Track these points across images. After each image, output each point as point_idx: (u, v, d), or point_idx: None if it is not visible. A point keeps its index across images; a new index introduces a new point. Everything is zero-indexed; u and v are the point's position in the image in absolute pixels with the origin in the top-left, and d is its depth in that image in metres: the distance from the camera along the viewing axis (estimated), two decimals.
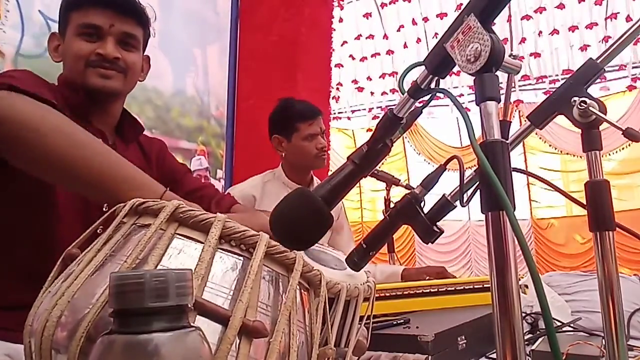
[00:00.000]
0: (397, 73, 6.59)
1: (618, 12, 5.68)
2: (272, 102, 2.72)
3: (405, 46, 6.45)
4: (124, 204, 0.60)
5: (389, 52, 6.62)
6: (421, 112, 0.71)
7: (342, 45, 6.42)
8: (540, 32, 5.99)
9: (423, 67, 0.64)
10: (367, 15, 6.28)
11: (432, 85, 0.64)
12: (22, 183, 0.90)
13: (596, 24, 5.81)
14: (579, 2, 5.68)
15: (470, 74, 0.56)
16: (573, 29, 5.83)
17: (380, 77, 6.84)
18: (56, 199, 0.99)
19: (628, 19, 5.50)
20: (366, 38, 6.60)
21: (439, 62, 0.61)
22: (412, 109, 0.67)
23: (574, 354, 1.01)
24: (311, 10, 2.79)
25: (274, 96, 2.69)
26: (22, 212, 0.99)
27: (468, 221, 7.96)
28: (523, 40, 6.03)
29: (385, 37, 6.50)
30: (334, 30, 3.01)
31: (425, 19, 5.98)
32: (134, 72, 1.13)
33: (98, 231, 0.65)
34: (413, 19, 6.21)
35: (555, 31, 5.91)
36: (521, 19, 5.93)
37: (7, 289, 0.96)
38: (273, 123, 1.92)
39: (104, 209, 1.03)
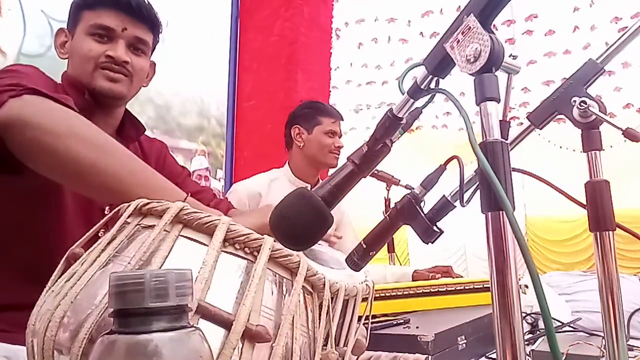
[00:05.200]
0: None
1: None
2: (272, 102, 2.72)
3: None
4: (128, 204, 0.60)
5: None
6: (421, 113, 0.72)
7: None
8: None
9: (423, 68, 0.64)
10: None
11: (432, 86, 0.64)
12: (28, 182, 0.90)
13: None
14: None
15: (470, 74, 0.56)
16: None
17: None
18: (61, 199, 0.99)
19: None
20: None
21: (439, 62, 0.61)
22: (412, 109, 0.68)
23: (574, 354, 1.01)
24: (311, 10, 2.79)
25: (274, 96, 2.70)
26: (24, 211, 0.98)
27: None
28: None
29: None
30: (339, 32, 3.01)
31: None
32: (140, 77, 1.13)
33: (99, 234, 0.65)
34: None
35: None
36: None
37: (3, 288, 0.95)
38: (296, 115, 1.98)
39: (105, 212, 1.05)
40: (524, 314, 1.25)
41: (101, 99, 1.07)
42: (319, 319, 0.58)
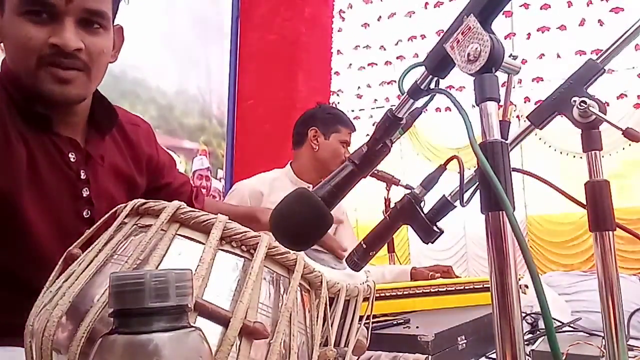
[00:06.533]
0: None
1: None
2: (272, 102, 2.73)
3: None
4: (125, 205, 0.60)
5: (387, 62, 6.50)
6: (421, 113, 0.72)
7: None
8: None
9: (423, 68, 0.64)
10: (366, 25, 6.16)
11: (432, 86, 0.64)
12: None
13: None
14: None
15: (470, 74, 0.56)
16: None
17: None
18: (20, 206, 0.85)
19: None
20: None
21: (439, 63, 0.61)
22: (412, 109, 0.68)
23: (574, 354, 1.01)
24: (311, 10, 2.79)
25: (274, 96, 2.70)
26: None
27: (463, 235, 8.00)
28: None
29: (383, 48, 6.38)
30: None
31: (423, 37, 5.88)
32: (100, 62, 0.88)
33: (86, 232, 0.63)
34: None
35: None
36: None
37: None
38: (315, 117, 1.98)
39: (84, 216, 0.93)
40: (523, 314, 1.25)
41: (54, 103, 0.86)
42: (317, 317, 0.58)
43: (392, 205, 0.82)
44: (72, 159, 0.92)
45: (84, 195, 0.93)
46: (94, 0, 0.83)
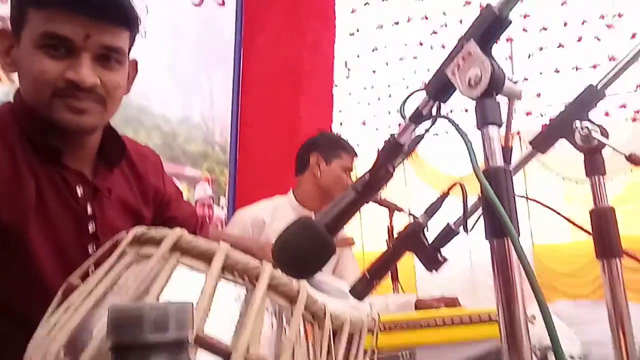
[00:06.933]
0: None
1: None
2: (274, 128, 2.73)
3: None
4: (127, 232, 0.59)
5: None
6: (423, 138, 0.71)
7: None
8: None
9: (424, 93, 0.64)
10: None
11: (434, 111, 0.64)
12: None
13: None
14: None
15: (471, 99, 0.56)
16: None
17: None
18: (28, 239, 0.84)
19: None
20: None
21: (440, 88, 0.61)
22: (413, 135, 0.68)
23: None
24: (313, 36, 2.82)
25: (276, 121, 2.71)
26: None
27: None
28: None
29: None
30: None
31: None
32: (116, 97, 0.88)
33: (90, 270, 0.62)
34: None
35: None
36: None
37: None
38: (317, 143, 1.98)
39: (89, 250, 0.91)
40: (533, 347, 1.22)
41: (67, 133, 0.85)
42: (321, 349, 0.57)
43: (395, 233, 0.81)
44: (79, 193, 0.91)
45: (90, 230, 0.92)
46: (112, 37, 0.83)
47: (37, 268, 0.85)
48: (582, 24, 5.14)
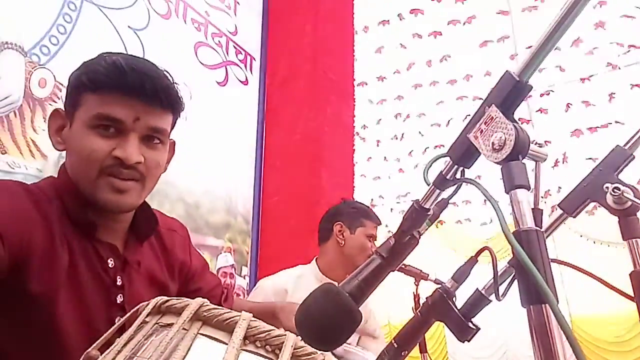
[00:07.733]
0: None
1: None
2: (296, 199, 2.76)
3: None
4: (148, 302, 0.58)
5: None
6: (448, 203, 0.70)
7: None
8: None
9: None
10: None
11: (458, 176, 0.64)
12: (21, 298, 0.81)
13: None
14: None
15: (496, 163, 0.55)
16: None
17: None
18: (56, 308, 0.84)
19: None
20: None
21: (463, 152, 0.61)
22: (438, 200, 0.67)
23: None
24: (333, 109, 2.91)
25: (298, 192, 2.74)
26: (18, 320, 0.84)
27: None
28: None
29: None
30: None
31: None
32: (155, 175, 0.94)
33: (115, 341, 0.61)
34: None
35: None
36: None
37: None
38: (341, 212, 1.98)
39: (116, 321, 0.86)
40: None
41: (106, 212, 0.90)
42: None
43: (422, 301, 0.79)
44: (110, 265, 0.92)
45: (118, 301, 0.93)
46: (159, 120, 0.90)
47: (61, 337, 0.85)
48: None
